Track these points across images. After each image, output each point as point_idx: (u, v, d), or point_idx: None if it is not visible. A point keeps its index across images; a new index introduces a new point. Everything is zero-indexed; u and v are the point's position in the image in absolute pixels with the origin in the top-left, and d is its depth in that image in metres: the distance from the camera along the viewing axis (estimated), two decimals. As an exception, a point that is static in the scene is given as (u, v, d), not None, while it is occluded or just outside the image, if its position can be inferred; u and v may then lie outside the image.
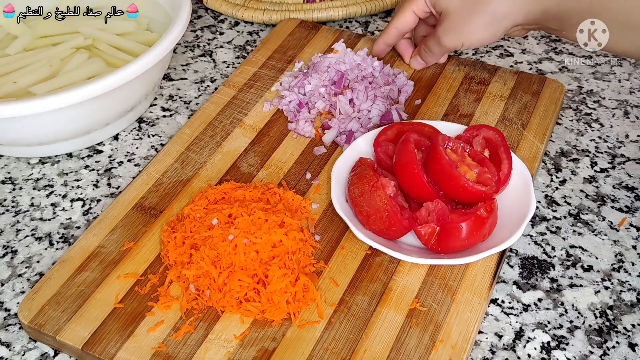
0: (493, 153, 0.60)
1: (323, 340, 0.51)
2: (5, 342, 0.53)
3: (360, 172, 0.58)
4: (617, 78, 0.78)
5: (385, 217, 0.55)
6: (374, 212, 0.55)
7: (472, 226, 0.54)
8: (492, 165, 0.58)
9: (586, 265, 0.58)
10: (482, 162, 0.58)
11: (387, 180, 0.58)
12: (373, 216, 0.55)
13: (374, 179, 0.56)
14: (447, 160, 0.55)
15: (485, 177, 0.57)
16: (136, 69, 0.62)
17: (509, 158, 0.58)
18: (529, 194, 0.58)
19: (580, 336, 0.53)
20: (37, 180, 0.67)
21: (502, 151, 0.59)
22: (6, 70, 0.69)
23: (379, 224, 0.55)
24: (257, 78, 0.75)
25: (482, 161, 0.59)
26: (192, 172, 0.64)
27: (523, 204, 0.57)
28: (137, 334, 0.51)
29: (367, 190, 0.56)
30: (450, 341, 0.51)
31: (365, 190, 0.56)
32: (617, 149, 0.69)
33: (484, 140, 0.61)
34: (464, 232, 0.54)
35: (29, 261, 0.59)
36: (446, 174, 0.55)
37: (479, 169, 0.58)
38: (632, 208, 0.63)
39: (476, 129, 0.61)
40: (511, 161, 0.58)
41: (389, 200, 0.55)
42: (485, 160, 0.59)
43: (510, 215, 0.57)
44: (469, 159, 0.59)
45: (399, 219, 0.55)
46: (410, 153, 0.57)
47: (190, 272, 0.53)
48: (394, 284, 0.54)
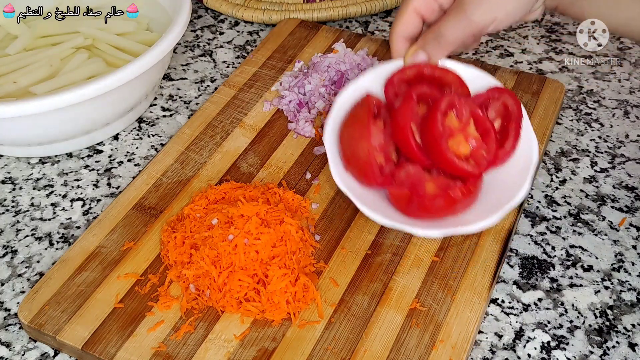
0: (504, 125, 0.56)
1: (323, 340, 0.51)
2: (5, 342, 0.53)
3: (356, 113, 0.55)
4: (617, 78, 0.78)
5: (362, 168, 0.54)
6: (355, 160, 0.54)
7: (443, 204, 0.52)
8: (494, 140, 0.54)
9: (586, 265, 0.58)
10: (486, 134, 0.54)
11: (378, 129, 0.55)
12: (353, 162, 0.54)
13: (365, 125, 0.53)
14: (439, 130, 0.52)
15: (479, 153, 0.54)
16: (136, 69, 0.62)
17: (516, 137, 0.55)
18: (525, 177, 0.54)
19: (580, 336, 0.53)
20: (37, 180, 0.67)
21: (513, 127, 0.55)
22: (6, 70, 0.69)
23: (356, 172, 0.55)
24: (257, 78, 0.75)
25: (486, 133, 0.54)
26: (192, 172, 0.64)
27: (514, 186, 0.54)
28: (137, 334, 0.51)
29: (356, 136, 0.54)
30: (450, 341, 0.51)
31: (353, 135, 0.54)
32: (617, 149, 0.69)
33: (502, 107, 0.56)
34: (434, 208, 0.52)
35: (29, 261, 0.59)
36: (434, 144, 0.53)
37: (477, 142, 0.54)
38: (632, 208, 0.63)
39: (499, 92, 0.56)
40: (517, 140, 0.55)
41: (370, 153, 0.53)
42: (491, 132, 0.54)
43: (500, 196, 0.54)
44: (472, 127, 0.54)
45: (374, 174, 0.53)
46: (406, 116, 0.53)
47: (190, 272, 0.53)
48: (394, 283, 0.54)
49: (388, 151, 0.56)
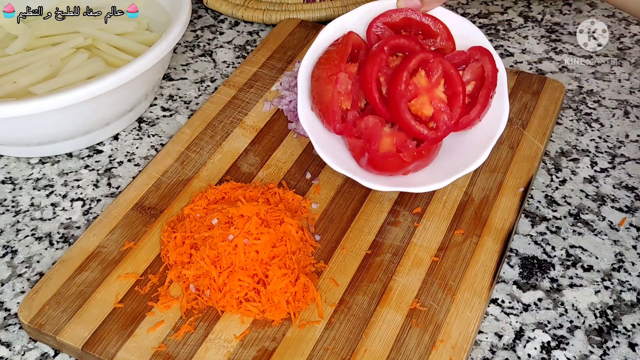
0: (476, 90, 0.54)
1: (323, 340, 0.51)
2: (5, 342, 0.53)
3: (331, 52, 0.54)
4: (617, 78, 0.78)
5: (324, 110, 0.54)
6: (319, 101, 0.54)
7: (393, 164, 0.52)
8: (460, 105, 0.53)
9: (586, 265, 0.58)
10: (454, 97, 0.53)
11: (348, 74, 0.54)
12: (318, 102, 0.55)
13: (335, 68, 0.53)
14: (400, 90, 0.52)
15: (440, 117, 0.53)
16: (136, 69, 0.62)
17: (484, 105, 0.54)
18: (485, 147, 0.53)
19: (580, 336, 0.53)
20: (37, 180, 0.67)
21: (483, 94, 0.54)
22: (6, 70, 0.69)
23: (319, 113, 0.55)
24: (257, 78, 0.75)
25: (455, 95, 0.53)
26: (192, 172, 0.64)
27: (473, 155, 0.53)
28: (137, 334, 0.51)
29: (324, 76, 0.54)
30: (450, 341, 0.51)
31: (321, 76, 0.54)
32: (617, 149, 0.69)
33: (480, 70, 0.55)
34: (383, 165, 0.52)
35: (29, 261, 0.59)
36: (393, 102, 0.52)
37: (441, 105, 0.53)
38: (632, 208, 0.63)
39: (481, 53, 0.55)
40: (484, 109, 0.54)
41: (333, 97, 0.53)
42: (460, 96, 0.53)
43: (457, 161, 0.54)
44: (440, 89, 0.53)
45: (334, 119, 0.54)
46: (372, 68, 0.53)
47: (190, 272, 0.53)
48: (394, 283, 0.54)
49: (357, 97, 0.55)
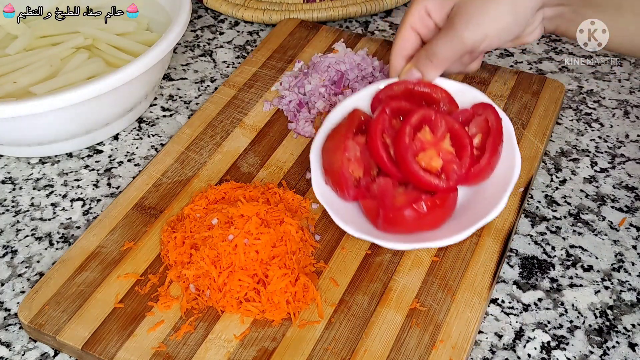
0: (484, 141, 0.56)
1: (323, 340, 0.51)
2: (5, 342, 0.53)
3: (339, 126, 0.57)
4: (617, 78, 0.78)
5: (336, 179, 0.55)
6: (331, 171, 0.56)
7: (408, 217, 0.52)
8: (469, 156, 0.54)
9: (586, 265, 0.58)
10: (462, 150, 0.54)
11: (357, 143, 0.56)
12: (329, 173, 0.56)
13: (343, 138, 0.55)
14: (405, 142, 0.53)
15: (450, 167, 0.54)
16: (136, 69, 0.62)
17: (492, 153, 0.55)
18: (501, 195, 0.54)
19: (580, 336, 0.53)
20: (37, 180, 0.67)
21: (490, 143, 0.55)
22: (6, 70, 0.69)
23: (332, 183, 0.56)
24: (257, 78, 0.75)
25: (462, 148, 0.54)
26: (192, 172, 0.64)
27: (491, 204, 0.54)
28: (137, 334, 0.51)
29: (332, 147, 0.55)
30: (450, 341, 0.51)
31: (330, 147, 0.56)
32: (617, 149, 0.69)
33: (484, 122, 0.56)
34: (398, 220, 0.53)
35: (29, 261, 0.59)
36: (400, 156, 0.53)
37: (450, 156, 0.54)
38: (632, 208, 0.63)
39: (483, 108, 0.57)
40: (493, 156, 0.55)
41: (342, 164, 0.54)
42: (467, 148, 0.54)
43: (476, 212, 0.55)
44: (447, 142, 0.55)
45: (346, 185, 0.54)
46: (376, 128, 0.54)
47: (190, 272, 0.53)
48: (394, 283, 0.54)
49: (369, 166, 0.56)
